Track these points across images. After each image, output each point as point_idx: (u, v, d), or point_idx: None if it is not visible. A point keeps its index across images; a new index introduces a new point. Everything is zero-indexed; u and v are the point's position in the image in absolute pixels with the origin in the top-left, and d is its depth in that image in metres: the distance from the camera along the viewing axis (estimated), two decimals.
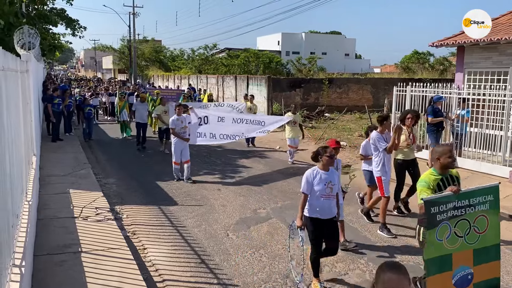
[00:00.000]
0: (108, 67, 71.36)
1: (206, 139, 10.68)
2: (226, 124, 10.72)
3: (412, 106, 11.92)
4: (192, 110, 10.54)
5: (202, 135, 10.53)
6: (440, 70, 36.29)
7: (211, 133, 10.59)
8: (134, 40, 43.29)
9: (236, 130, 10.83)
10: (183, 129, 9.85)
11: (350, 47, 71.75)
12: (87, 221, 6.62)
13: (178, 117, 9.77)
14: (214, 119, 10.67)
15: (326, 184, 4.92)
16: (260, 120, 11.35)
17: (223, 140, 10.96)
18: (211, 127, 10.60)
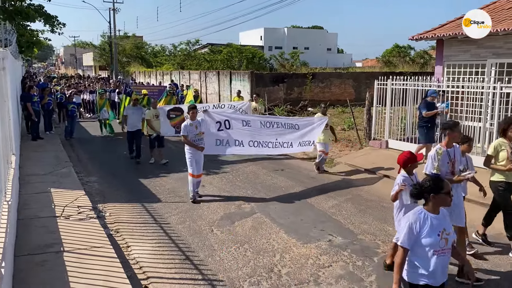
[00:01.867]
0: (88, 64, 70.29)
1: (230, 148, 8.79)
2: (254, 129, 8.93)
3: (393, 100, 12.05)
4: (207, 113, 8.76)
5: (224, 142, 8.68)
6: (420, 64, 36.76)
7: (236, 140, 8.72)
8: (114, 36, 42.70)
9: (268, 136, 9.05)
10: (199, 136, 8.09)
11: (332, 42, 72.17)
12: (69, 220, 6.54)
13: (192, 121, 8.05)
14: (238, 123, 8.86)
15: (439, 233, 3.37)
16: (292, 123, 9.48)
17: (253, 148, 8.99)
18: (236, 132, 8.78)
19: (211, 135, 8.55)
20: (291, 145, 9.17)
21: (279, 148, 9.18)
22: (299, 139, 9.24)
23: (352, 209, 7.61)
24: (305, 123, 9.52)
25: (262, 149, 9.05)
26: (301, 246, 6.03)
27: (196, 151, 8.09)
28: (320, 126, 9.59)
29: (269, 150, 9.22)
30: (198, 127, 8.08)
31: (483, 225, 6.26)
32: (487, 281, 5.05)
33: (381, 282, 5.00)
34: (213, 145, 8.54)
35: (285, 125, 9.24)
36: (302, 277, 5.14)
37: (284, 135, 9.13)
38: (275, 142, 9.01)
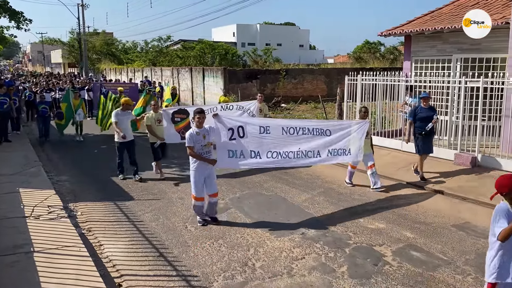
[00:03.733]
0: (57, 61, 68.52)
1: (245, 160, 7.08)
2: (274, 136, 7.17)
3: (363, 95, 12.29)
4: (217, 118, 6.96)
5: (237, 154, 7.01)
6: (390, 59, 37.53)
7: (252, 151, 7.06)
8: (84, 32, 41.79)
9: (290, 145, 7.28)
10: (207, 148, 6.60)
11: (304, 38, 72.75)
12: (39, 220, 6.44)
13: (199, 130, 6.54)
14: (254, 130, 7.11)
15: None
16: (321, 127, 7.59)
17: (271, 160, 7.16)
18: (251, 142, 7.08)
19: (222, 145, 6.92)
20: (318, 154, 7.41)
21: (303, 159, 7.34)
22: (328, 146, 7.49)
23: (324, 202, 7.76)
24: (338, 127, 7.75)
25: (282, 161, 7.21)
26: (274, 240, 6.12)
27: (204, 166, 6.58)
28: (359, 132, 7.83)
29: (291, 162, 7.31)
30: (207, 137, 6.55)
31: None
32: None
33: (352, 272, 5.13)
34: (225, 157, 6.89)
35: (313, 131, 7.45)
36: (276, 270, 5.22)
37: (309, 142, 7.38)
38: (297, 152, 7.23)
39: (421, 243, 5.97)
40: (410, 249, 5.76)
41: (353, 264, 5.36)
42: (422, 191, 8.42)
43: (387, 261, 5.44)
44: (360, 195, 8.16)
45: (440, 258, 5.49)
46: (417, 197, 8.01)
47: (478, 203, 7.55)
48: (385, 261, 5.44)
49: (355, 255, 5.62)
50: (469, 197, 7.79)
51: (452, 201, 7.81)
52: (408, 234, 6.29)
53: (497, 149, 9.55)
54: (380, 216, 7.06)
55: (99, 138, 14.39)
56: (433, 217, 6.98)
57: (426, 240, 6.08)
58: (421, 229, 6.46)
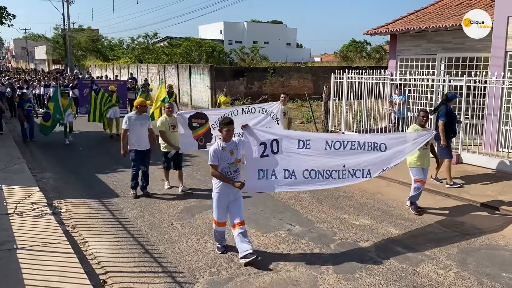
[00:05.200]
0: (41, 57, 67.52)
1: (277, 181, 5.79)
2: (315, 152, 5.88)
3: (349, 93, 12.38)
4: (248, 130, 5.69)
5: (268, 174, 5.76)
6: (376, 58, 37.85)
7: (286, 169, 5.78)
8: (69, 28, 41.22)
9: (333, 162, 5.90)
10: (234, 166, 5.39)
11: (291, 37, 72.90)
12: (23, 217, 6.37)
13: (226, 144, 5.31)
14: (292, 144, 5.84)
15: None
16: (376, 141, 6.13)
17: (310, 181, 5.86)
18: (287, 159, 5.79)
19: (253, 163, 5.69)
20: (369, 173, 5.96)
21: (349, 179, 5.97)
22: (383, 164, 6.02)
23: (309, 199, 7.80)
24: (397, 141, 6.26)
25: (323, 181, 5.87)
26: (260, 236, 6.14)
27: (230, 189, 5.37)
28: (416, 143, 6.44)
29: (334, 182, 5.96)
30: (235, 153, 5.36)
31: None
32: None
33: (337, 268, 5.18)
34: (254, 178, 5.70)
35: (364, 146, 6.02)
36: (261, 266, 5.23)
37: (357, 157, 5.97)
38: (342, 170, 5.87)
39: (404, 238, 6.05)
40: (394, 245, 5.84)
41: (338, 259, 5.41)
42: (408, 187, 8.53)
43: (371, 256, 5.50)
44: (345, 192, 8.23)
45: (423, 254, 5.58)
46: (402, 194, 8.11)
47: (462, 200, 7.68)
48: (369, 256, 5.50)
49: (340, 250, 5.67)
50: (454, 194, 7.93)
51: (435, 197, 7.93)
52: (392, 230, 6.37)
53: (479, 147, 9.73)
54: (365, 212, 7.14)
55: (84, 135, 14.25)
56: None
57: (410, 236, 6.17)
58: (405, 225, 6.55)
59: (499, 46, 10.09)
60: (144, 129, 7.83)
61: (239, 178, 5.45)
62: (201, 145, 8.13)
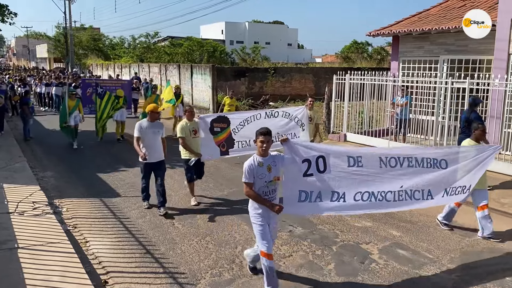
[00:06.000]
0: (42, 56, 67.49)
1: (324, 204, 4.95)
2: (368, 171, 5.02)
3: (351, 94, 12.36)
4: (288, 144, 4.82)
5: (312, 196, 4.92)
6: (378, 60, 37.81)
7: (335, 191, 4.95)
8: (70, 27, 41.23)
9: (389, 181, 5.09)
10: (272, 185, 4.59)
11: (293, 37, 72.91)
12: (24, 216, 6.35)
13: (263, 159, 4.54)
14: (341, 161, 4.97)
15: None
16: (436, 156, 5.29)
17: (361, 204, 5.03)
18: (336, 178, 4.95)
19: (293, 183, 4.84)
20: (430, 194, 5.20)
21: (407, 202, 5.17)
22: (446, 184, 5.28)
23: None
24: (456, 156, 5.42)
25: (376, 204, 5.05)
26: None
27: (268, 212, 4.61)
28: (479, 159, 5.52)
29: (389, 206, 5.15)
30: (273, 169, 4.56)
31: None
32: None
33: (339, 270, 5.16)
34: (295, 201, 4.85)
35: (423, 162, 5.19)
36: None
37: (416, 177, 5.16)
38: (398, 191, 5.07)
39: (407, 241, 6.03)
40: (396, 247, 5.82)
41: (340, 261, 5.39)
42: None
43: (373, 259, 5.48)
44: None
45: (425, 257, 5.56)
46: None
47: (465, 203, 7.65)
48: (371, 259, 5.48)
49: (342, 253, 5.65)
50: None
51: None
52: (395, 232, 6.35)
53: None
54: (367, 214, 7.08)
55: (85, 134, 14.20)
56: (419, 216, 7.05)
57: (412, 238, 6.14)
58: (407, 228, 6.53)
59: (502, 49, 10.06)
60: (157, 138, 6.99)
61: (277, 200, 4.64)
62: (223, 151, 7.59)
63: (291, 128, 8.17)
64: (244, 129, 7.61)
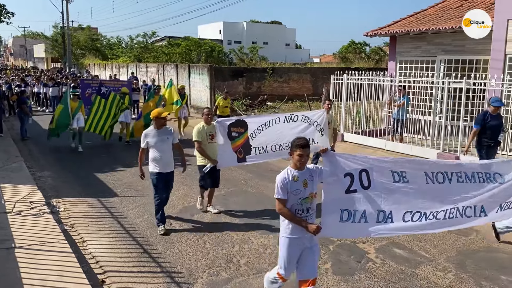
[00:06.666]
0: (40, 55, 67.38)
1: (368, 227, 4.32)
2: (414, 187, 4.40)
3: (349, 94, 12.39)
4: (328, 157, 4.25)
5: (356, 216, 4.28)
6: (375, 60, 37.91)
7: (382, 210, 4.34)
8: (68, 27, 41.14)
9: (442, 201, 4.47)
10: (308, 202, 3.98)
11: (291, 37, 72.95)
12: (21, 215, 6.34)
13: (298, 172, 3.93)
14: (387, 176, 4.34)
15: None
16: (485, 170, 4.66)
17: (411, 225, 4.42)
18: (382, 196, 4.32)
19: (334, 201, 4.23)
20: (483, 211, 4.62)
21: (459, 220, 4.56)
22: (503, 198, 4.68)
23: None
24: (509, 167, 4.74)
25: (428, 225, 4.44)
26: (259, 237, 6.13)
27: (303, 233, 3.97)
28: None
29: (442, 226, 4.53)
30: (309, 185, 3.96)
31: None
32: None
33: (336, 269, 5.18)
34: (335, 220, 4.23)
35: (474, 177, 4.60)
36: (260, 267, 5.23)
37: (467, 193, 4.58)
38: (450, 210, 4.48)
39: (404, 240, 6.05)
40: (393, 247, 5.84)
41: (337, 261, 5.41)
42: None
43: (370, 258, 5.50)
44: None
45: (422, 256, 5.58)
46: None
47: None
48: (368, 258, 5.50)
49: (339, 252, 5.67)
50: None
51: None
52: None
53: None
54: None
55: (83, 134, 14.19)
56: None
57: (408, 237, 6.16)
58: None
59: (498, 49, 10.11)
60: (167, 146, 6.28)
61: (313, 219, 4.04)
62: (240, 158, 7.00)
63: (309, 133, 7.54)
64: (262, 134, 7.08)
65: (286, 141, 6.98)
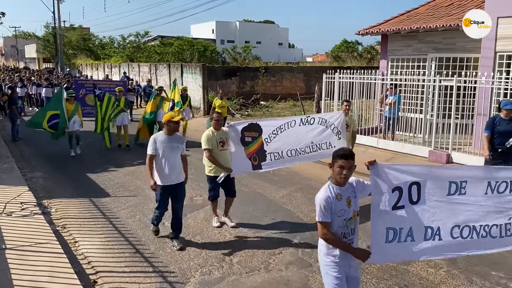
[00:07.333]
0: (31, 56, 66.85)
1: (415, 247, 3.81)
2: (471, 199, 3.85)
3: (341, 93, 12.42)
4: (376, 169, 3.64)
5: (401, 235, 3.77)
6: (367, 59, 38.06)
7: (429, 227, 3.81)
8: (59, 27, 40.87)
9: (498, 214, 3.89)
10: (352, 223, 3.52)
11: (284, 37, 73.04)
12: (12, 217, 6.30)
13: (341, 190, 3.45)
14: (442, 188, 3.80)
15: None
16: None
17: (463, 242, 3.88)
18: (432, 210, 3.81)
19: (381, 219, 3.73)
20: None
21: None
22: None
23: (301, 198, 7.82)
24: None
25: (479, 244, 3.93)
26: (252, 235, 6.14)
27: (348, 260, 3.47)
28: None
29: (494, 245, 3.98)
30: (353, 203, 3.50)
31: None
32: None
33: None
34: (382, 241, 3.72)
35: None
36: (253, 265, 5.24)
37: None
38: (505, 225, 3.91)
39: None
40: None
41: None
42: None
43: None
44: None
45: None
46: None
47: None
48: None
49: None
50: None
51: None
52: None
53: (469, 147, 9.82)
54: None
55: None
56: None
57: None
58: None
59: (488, 47, 10.19)
60: (177, 155, 5.70)
61: (357, 242, 3.58)
62: (255, 165, 6.47)
63: (326, 136, 7.17)
64: (277, 139, 6.62)
65: (302, 145, 6.80)
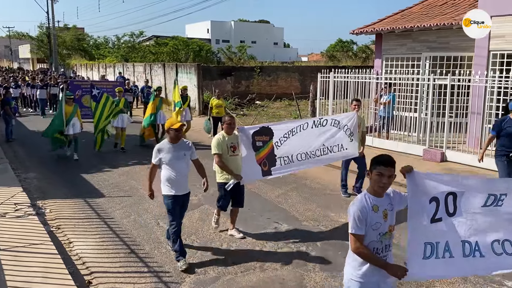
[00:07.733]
0: (25, 56, 66.50)
1: (453, 264, 3.34)
2: (509, 210, 3.38)
3: (336, 92, 12.44)
4: (412, 176, 3.20)
5: (439, 250, 3.33)
6: (363, 58, 38.16)
7: (467, 241, 3.39)
8: (53, 27, 40.65)
9: None
10: (387, 239, 3.21)
11: (279, 36, 73.13)
12: (5, 218, 6.26)
13: (377, 201, 3.12)
14: (478, 199, 3.35)
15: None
16: None
17: (504, 259, 3.39)
18: (467, 223, 3.38)
19: (420, 233, 3.32)
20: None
21: None
22: None
23: (297, 197, 7.83)
24: None
25: None
26: (247, 235, 6.13)
27: (380, 276, 3.12)
28: None
29: None
30: (389, 215, 3.19)
31: None
32: None
33: (323, 265, 5.20)
34: (419, 257, 3.30)
35: None
36: (248, 264, 5.24)
37: None
38: None
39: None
40: None
41: (324, 257, 5.43)
42: None
43: None
44: (331, 191, 8.27)
45: None
46: None
47: None
48: None
49: (326, 248, 5.70)
50: None
51: None
52: None
53: (464, 145, 9.86)
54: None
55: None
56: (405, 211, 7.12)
57: (397, 233, 6.20)
58: None
59: (482, 46, 10.23)
60: (184, 164, 5.31)
61: (391, 258, 3.26)
62: (265, 171, 6.15)
63: (338, 139, 6.97)
64: (288, 142, 6.36)
65: (313, 148, 6.61)
